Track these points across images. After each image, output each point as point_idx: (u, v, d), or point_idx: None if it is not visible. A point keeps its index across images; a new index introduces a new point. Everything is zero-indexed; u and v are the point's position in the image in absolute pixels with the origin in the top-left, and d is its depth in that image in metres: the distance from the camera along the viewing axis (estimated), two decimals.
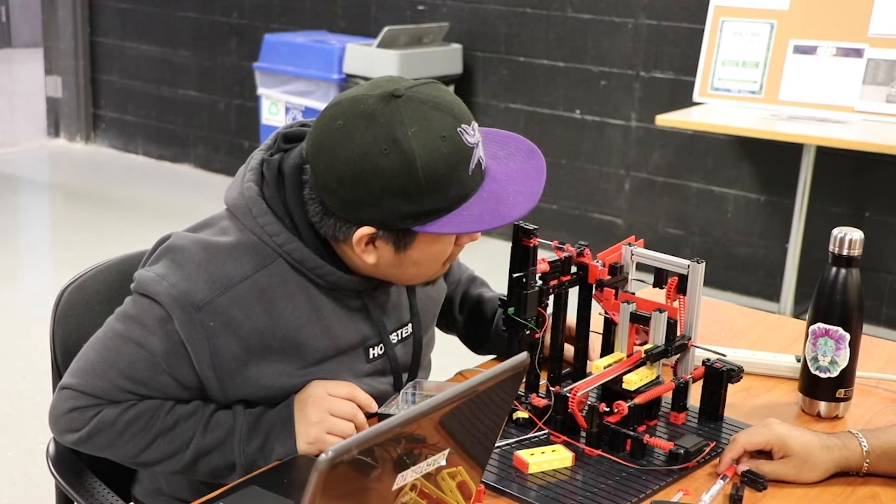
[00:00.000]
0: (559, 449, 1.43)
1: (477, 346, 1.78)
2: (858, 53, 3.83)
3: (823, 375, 1.58)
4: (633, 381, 1.48)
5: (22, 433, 3.19)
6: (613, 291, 1.56)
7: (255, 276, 1.40)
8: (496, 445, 1.39)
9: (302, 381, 1.45)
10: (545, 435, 1.47)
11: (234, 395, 1.43)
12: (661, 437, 1.47)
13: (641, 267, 1.59)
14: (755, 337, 1.91)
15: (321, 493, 0.91)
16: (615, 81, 4.75)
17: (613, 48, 4.72)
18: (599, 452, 1.43)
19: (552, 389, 1.50)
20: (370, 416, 1.47)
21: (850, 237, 1.54)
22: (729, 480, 1.39)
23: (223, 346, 1.39)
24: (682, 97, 4.42)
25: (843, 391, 1.58)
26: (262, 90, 5.33)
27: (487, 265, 2.20)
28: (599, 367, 1.51)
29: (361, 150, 1.32)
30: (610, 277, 1.56)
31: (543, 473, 1.39)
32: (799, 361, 1.65)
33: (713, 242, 4.60)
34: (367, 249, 1.39)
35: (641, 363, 1.51)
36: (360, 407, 1.45)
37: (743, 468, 1.40)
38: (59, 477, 1.57)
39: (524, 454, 1.41)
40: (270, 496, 1.32)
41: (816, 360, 1.58)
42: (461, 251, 1.49)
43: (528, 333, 1.49)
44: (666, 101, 4.55)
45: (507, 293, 1.50)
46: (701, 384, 1.56)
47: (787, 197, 4.24)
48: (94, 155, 6.70)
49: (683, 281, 1.51)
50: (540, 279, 1.51)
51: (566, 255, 1.56)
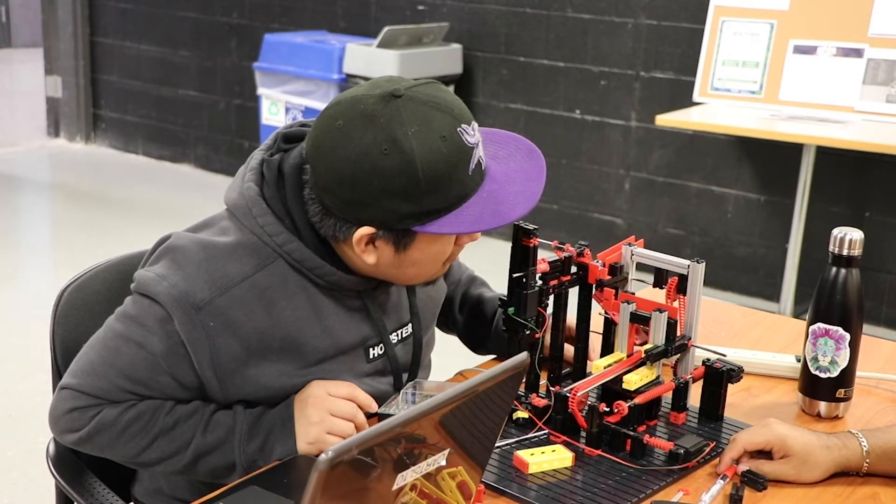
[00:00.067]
0: (559, 449, 1.43)
1: (477, 346, 1.78)
2: (858, 53, 3.83)
3: (823, 375, 1.58)
4: (633, 381, 1.48)
5: (22, 433, 3.19)
6: (613, 291, 1.56)
7: (255, 276, 1.40)
8: (496, 445, 1.39)
9: (302, 381, 1.45)
10: (545, 435, 1.47)
11: (234, 395, 1.43)
12: (661, 437, 1.47)
13: (641, 267, 1.59)
14: (755, 337, 1.91)
15: (321, 493, 0.91)
16: (615, 81, 4.75)
17: (613, 48, 4.72)
18: (599, 452, 1.43)
19: (552, 389, 1.50)
20: (370, 416, 1.47)
21: (850, 237, 1.53)
22: (729, 480, 1.39)
23: (223, 346, 1.38)
24: (682, 97, 4.42)
25: (843, 391, 1.58)
26: (262, 90, 5.33)
27: (487, 265, 2.20)
28: (599, 367, 1.51)
29: (361, 150, 1.32)
30: (610, 277, 1.56)
31: (543, 473, 1.39)
32: (799, 361, 1.65)
33: (713, 242, 4.60)
34: (367, 249, 1.39)
35: (641, 363, 1.51)
36: (360, 407, 1.45)
37: (743, 468, 1.40)
38: (59, 477, 1.57)
39: (524, 454, 1.40)
40: (270, 496, 1.32)
41: (816, 360, 1.58)
42: (461, 251, 1.49)
43: (528, 333, 1.49)
44: (666, 101, 4.55)
45: (507, 293, 1.50)
46: (701, 384, 1.56)
47: (787, 197, 4.24)
48: (94, 155, 6.69)
49: (683, 281, 1.51)
50: (540, 279, 1.51)
51: (566, 255, 1.56)
